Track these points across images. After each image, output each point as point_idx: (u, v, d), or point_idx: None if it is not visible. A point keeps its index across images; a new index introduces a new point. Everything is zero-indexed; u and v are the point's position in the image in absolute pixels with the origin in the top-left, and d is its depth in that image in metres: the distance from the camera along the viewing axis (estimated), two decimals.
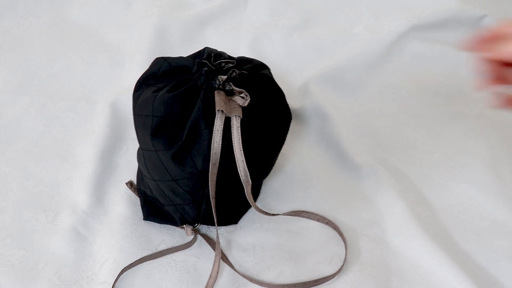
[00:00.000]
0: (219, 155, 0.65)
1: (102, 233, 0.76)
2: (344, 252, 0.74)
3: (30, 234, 0.76)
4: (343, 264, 0.72)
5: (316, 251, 0.75)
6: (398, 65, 1.00)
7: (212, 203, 0.68)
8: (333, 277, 0.71)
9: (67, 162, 0.85)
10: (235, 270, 0.72)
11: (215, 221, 0.69)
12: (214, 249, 0.74)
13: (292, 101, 0.93)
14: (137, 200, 0.79)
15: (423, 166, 0.86)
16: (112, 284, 0.70)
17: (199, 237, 0.76)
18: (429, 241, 0.74)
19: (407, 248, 0.75)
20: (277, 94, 0.73)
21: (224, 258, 0.73)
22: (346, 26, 1.06)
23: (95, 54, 1.01)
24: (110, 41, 1.04)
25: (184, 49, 1.00)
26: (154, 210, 0.76)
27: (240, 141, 0.65)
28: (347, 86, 0.96)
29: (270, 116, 0.70)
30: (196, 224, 0.76)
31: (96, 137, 0.86)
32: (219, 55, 0.72)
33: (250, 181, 0.67)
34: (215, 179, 0.66)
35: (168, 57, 0.72)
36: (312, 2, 1.10)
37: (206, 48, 0.73)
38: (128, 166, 0.84)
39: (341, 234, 0.76)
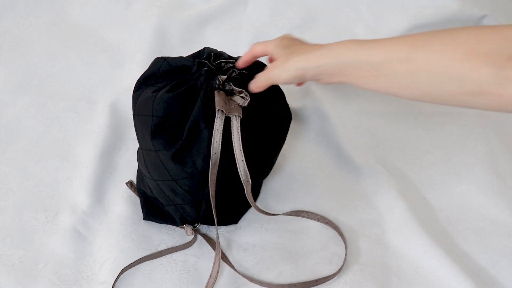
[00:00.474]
0: (219, 154, 0.65)
1: (102, 233, 0.76)
2: (344, 252, 0.74)
3: (30, 234, 0.76)
4: (343, 264, 0.72)
5: (316, 251, 0.75)
6: None
7: (212, 203, 0.68)
8: (333, 277, 0.71)
9: (67, 162, 0.85)
10: (235, 270, 0.72)
11: (215, 221, 0.69)
12: (214, 249, 0.74)
13: (292, 101, 0.93)
14: (137, 200, 0.79)
15: (423, 166, 0.86)
16: (112, 284, 0.70)
17: (199, 237, 0.76)
18: (429, 241, 0.74)
19: (407, 248, 0.75)
20: (277, 94, 0.73)
21: (224, 258, 0.73)
22: (346, 26, 1.06)
23: (95, 54, 1.01)
24: (110, 41, 1.04)
25: (184, 49, 1.00)
26: (154, 210, 0.76)
27: (240, 141, 0.65)
28: (347, 86, 0.96)
29: (270, 116, 0.70)
30: (196, 224, 0.76)
31: (96, 137, 0.86)
32: (219, 55, 0.72)
33: (250, 181, 0.67)
34: (215, 178, 0.66)
35: (168, 57, 0.72)
36: (312, 2, 1.10)
37: (206, 48, 0.73)
38: (128, 166, 0.84)
39: (341, 234, 0.76)
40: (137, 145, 0.75)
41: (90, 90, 0.95)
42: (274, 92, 0.73)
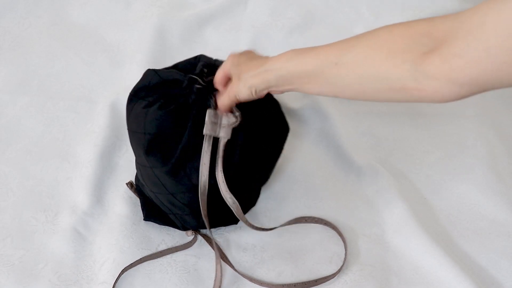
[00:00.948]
0: (207, 177, 0.66)
1: (102, 233, 0.76)
2: (344, 252, 0.74)
3: (30, 234, 0.76)
4: (343, 264, 0.72)
5: (316, 251, 0.75)
6: None
7: (205, 223, 0.68)
8: (333, 277, 0.71)
9: (67, 162, 0.85)
10: (235, 269, 0.72)
11: (212, 239, 0.69)
12: (214, 249, 0.74)
13: (292, 101, 0.93)
14: (137, 200, 0.79)
15: (423, 166, 0.86)
16: (112, 285, 0.70)
17: (199, 237, 0.76)
18: (429, 241, 0.74)
19: (407, 248, 0.75)
20: (272, 105, 0.74)
21: (224, 258, 0.73)
22: (346, 26, 1.06)
23: (95, 54, 1.01)
24: (110, 41, 1.04)
25: (184, 49, 1.00)
26: (154, 211, 0.76)
27: (221, 163, 0.66)
28: None
29: (266, 130, 0.71)
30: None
31: (96, 137, 0.86)
32: (214, 65, 0.71)
33: (237, 202, 0.68)
34: (206, 199, 0.67)
35: (159, 70, 0.72)
36: (312, 2, 1.10)
37: (201, 56, 0.73)
38: (128, 166, 0.84)
39: (340, 234, 0.76)
40: None
41: (90, 90, 0.95)
42: (270, 105, 0.73)
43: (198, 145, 0.66)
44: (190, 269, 0.73)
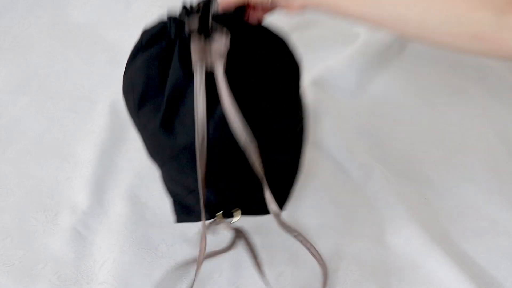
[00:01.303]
0: (205, 122, 0.54)
1: (102, 233, 0.76)
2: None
3: (30, 234, 0.76)
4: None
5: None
6: (398, 65, 1.00)
7: (200, 190, 0.58)
8: None
9: (67, 162, 0.85)
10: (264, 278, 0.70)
11: (202, 215, 0.61)
12: (251, 250, 0.71)
13: None
14: (137, 200, 0.79)
15: (423, 166, 0.86)
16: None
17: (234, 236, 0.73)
18: (429, 241, 0.74)
19: (407, 248, 0.75)
20: (277, 42, 0.65)
21: (261, 273, 0.70)
22: (346, 26, 1.06)
23: (95, 54, 1.01)
24: (110, 41, 1.04)
25: None
26: (184, 208, 0.70)
27: (229, 94, 0.54)
28: (347, 86, 0.96)
29: (271, 66, 0.61)
30: (232, 216, 0.69)
31: (96, 137, 0.86)
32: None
33: (253, 143, 0.56)
34: (205, 155, 0.56)
35: (149, 26, 0.66)
36: None
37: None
38: (128, 166, 0.84)
39: (305, 243, 0.71)
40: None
41: (90, 90, 0.95)
42: (273, 41, 0.65)
43: (189, 84, 0.56)
44: (190, 269, 0.73)
